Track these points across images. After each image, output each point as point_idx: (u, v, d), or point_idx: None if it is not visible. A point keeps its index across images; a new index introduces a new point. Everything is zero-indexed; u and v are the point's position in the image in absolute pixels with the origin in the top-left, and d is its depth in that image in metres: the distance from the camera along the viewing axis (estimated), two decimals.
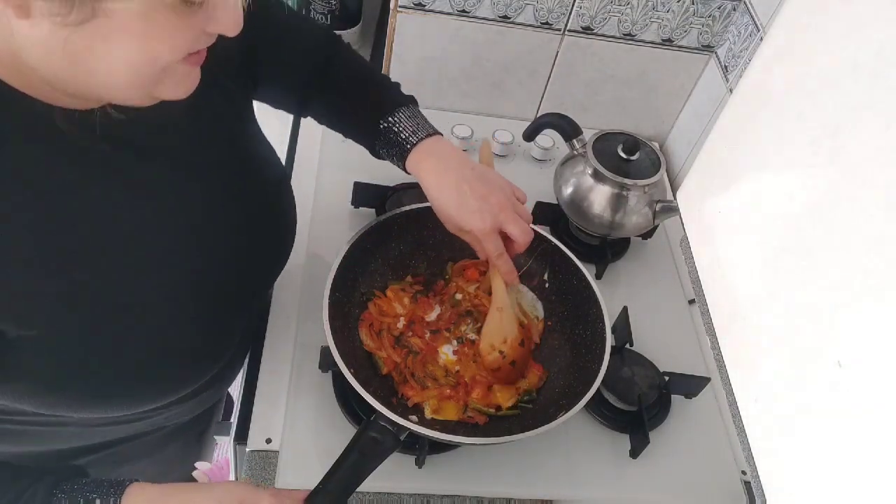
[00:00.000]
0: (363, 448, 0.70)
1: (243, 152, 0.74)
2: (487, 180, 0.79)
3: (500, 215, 0.77)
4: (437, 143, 0.80)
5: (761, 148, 0.72)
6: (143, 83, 0.51)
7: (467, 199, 0.76)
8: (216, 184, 0.69)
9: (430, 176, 0.78)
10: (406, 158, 0.79)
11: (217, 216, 0.69)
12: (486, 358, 0.84)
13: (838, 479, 0.53)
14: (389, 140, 0.80)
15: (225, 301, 0.71)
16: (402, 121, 0.80)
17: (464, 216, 0.76)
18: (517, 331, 0.85)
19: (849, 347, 0.54)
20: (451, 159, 0.79)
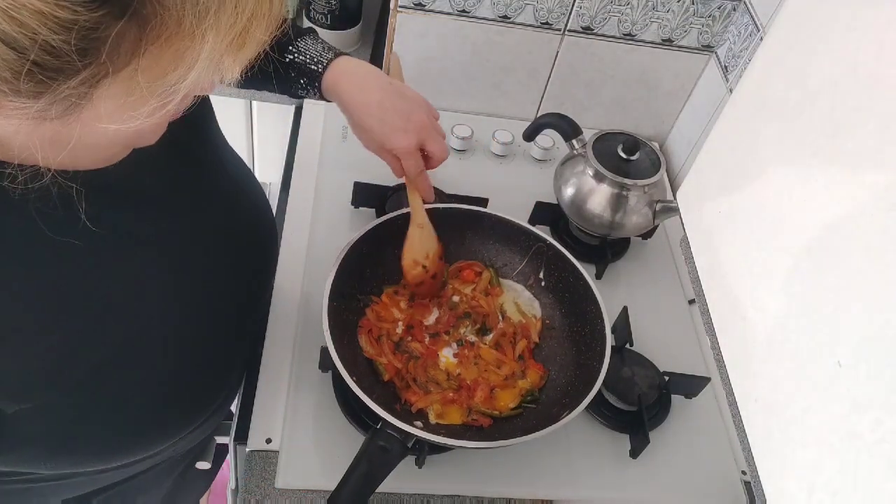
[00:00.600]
0: (371, 457, 0.70)
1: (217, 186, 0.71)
2: (407, 97, 0.78)
3: (422, 133, 0.77)
4: (348, 61, 0.79)
5: (761, 148, 0.72)
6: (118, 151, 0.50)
7: (390, 117, 0.76)
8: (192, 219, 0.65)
9: (349, 95, 0.77)
10: (320, 82, 0.78)
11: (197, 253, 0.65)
12: (410, 272, 0.86)
13: (838, 479, 0.53)
14: (299, 71, 0.79)
15: (218, 333, 0.69)
16: (309, 49, 0.79)
17: (387, 134, 0.76)
18: (437, 245, 0.87)
19: (849, 347, 0.54)
20: (366, 77, 0.78)
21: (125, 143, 0.50)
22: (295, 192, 1.07)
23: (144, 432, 0.65)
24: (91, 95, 0.39)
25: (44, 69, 0.35)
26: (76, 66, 0.36)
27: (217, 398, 0.72)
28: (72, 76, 0.36)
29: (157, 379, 0.62)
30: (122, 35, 0.36)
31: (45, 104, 0.37)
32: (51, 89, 0.36)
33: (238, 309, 0.74)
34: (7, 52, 0.34)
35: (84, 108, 0.40)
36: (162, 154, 0.58)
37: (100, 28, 0.35)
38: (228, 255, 0.70)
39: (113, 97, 0.40)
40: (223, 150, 0.74)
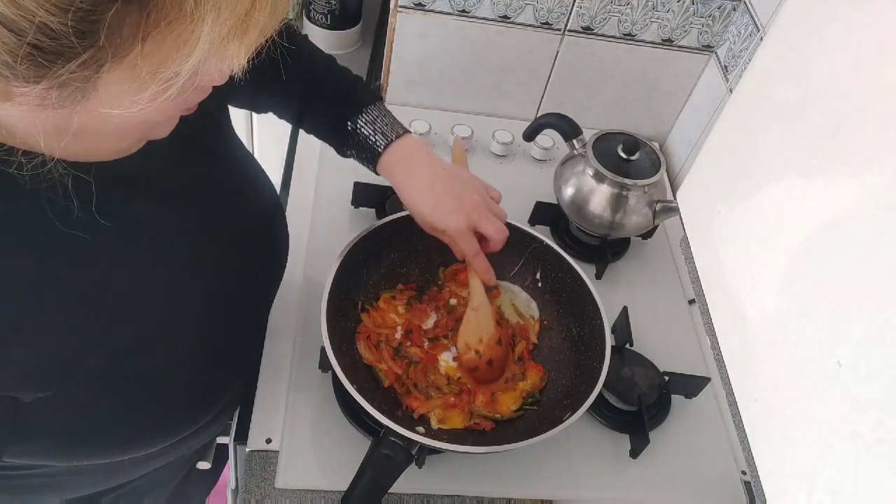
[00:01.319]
0: (376, 466, 0.70)
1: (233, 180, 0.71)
2: (460, 179, 0.78)
3: (473, 214, 0.77)
4: (408, 143, 0.79)
5: (761, 148, 0.72)
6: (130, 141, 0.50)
7: (441, 200, 0.76)
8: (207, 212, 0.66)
9: (403, 179, 0.78)
10: (377, 162, 0.79)
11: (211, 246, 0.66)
12: (462, 357, 0.83)
13: (839, 479, 0.53)
14: (358, 143, 0.79)
15: (228, 330, 0.70)
16: (370, 122, 0.79)
17: (438, 217, 0.76)
18: (494, 329, 0.84)
19: (849, 347, 0.54)
20: (422, 159, 0.78)
21: (137, 135, 0.50)
22: (295, 192, 1.06)
23: (158, 423, 0.65)
24: (94, 81, 0.39)
25: (43, 52, 0.35)
26: (75, 49, 0.36)
27: (229, 391, 0.73)
28: (71, 59, 0.36)
29: (170, 369, 0.62)
30: (121, 18, 0.36)
31: (45, 88, 0.38)
32: (50, 73, 0.36)
33: (250, 300, 0.74)
34: (5, 35, 0.34)
35: (88, 95, 0.40)
36: (176, 145, 0.59)
37: (97, 10, 0.35)
38: (240, 248, 0.70)
39: (116, 83, 0.40)
40: (236, 145, 0.74)
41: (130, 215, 0.57)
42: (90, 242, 0.53)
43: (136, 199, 0.57)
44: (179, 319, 0.62)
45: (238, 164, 0.73)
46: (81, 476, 0.72)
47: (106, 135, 0.47)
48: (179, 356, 0.63)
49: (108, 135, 0.47)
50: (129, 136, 0.49)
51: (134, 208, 0.57)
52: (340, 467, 0.77)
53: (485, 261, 0.81)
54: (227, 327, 0.69)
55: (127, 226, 0.56)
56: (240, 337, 0.73)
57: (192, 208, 0.64)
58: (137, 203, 0.58)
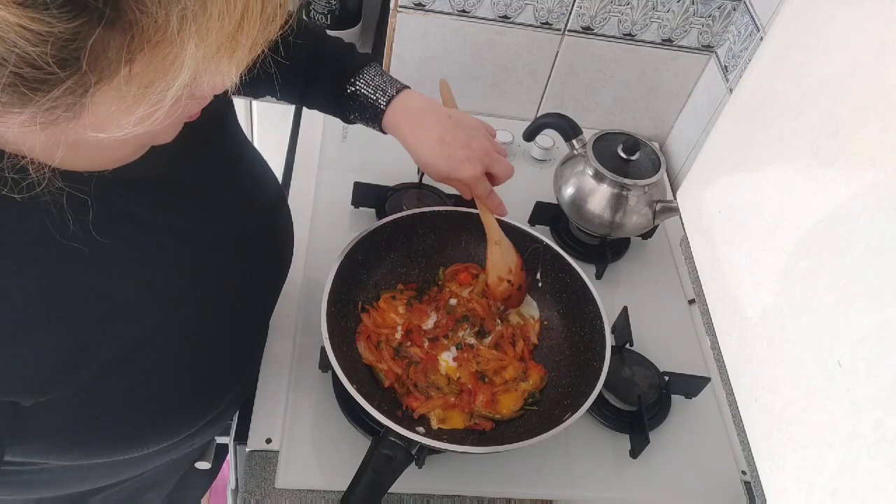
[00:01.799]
0: (376, 466, 0.70)
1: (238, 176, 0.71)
2: (465, 125, 0.81)
3: (486, 159, 0.80)
4: (408, 98, 0.81)
5: (761, 148, 0.72)
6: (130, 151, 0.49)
7: (453, 150, 0.78)
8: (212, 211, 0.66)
9: (411, 134, 0.79)
10: (381, 121, 0.80)
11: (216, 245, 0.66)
12: (497, 290, 0.89)
13: (839, 479, 0.53)
14: (360, 105, 0.81)
15: (232, 329, 0.69)
16: (368, 83, 0.81)
17: (453, 167, 0.78)
18: (516, 257, 0.89)
19: (849, 347, 0.54)
20: (426, 112, 0.80)
21: (138, 144, 0.50)
22: (295, 192, 1.07)
23: (159, 425, 0.65)
24: (82, 104, 0.38)
25: (26, 80, 0.35)
26: (58, 77, 0.35)
27: (231, 392, 0.72)
28: (55, 86, 0.36)
29: (171, 374, 0.62)
30: (104, 43, 0.36)
31: (31, 115, 0.37)
32: (34, 101, 0.36)
33: (253, 302, 0.74)
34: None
35: (78, 116, 0.39)
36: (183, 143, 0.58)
37: (77, 38, 0.34)
38: (244, 250, 0.70)
39: (104, 105, 0.39)
40: (241, 141, 0.74)
41: (129, 215, 0.57)
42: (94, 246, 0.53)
43: (137, 197, 0.57)
44: (183, 322, 0.62)
45: (244, 161, 0.73)
46: (80, 473, 0.72)
47: (103, 147, 0.46)
48: (182, 358, 0.63)
49: (105, 147, 0.47)
50: (128, 146, 0.49)
51: (138, 210, 0.57)
52: (340, 467, 0.77)
53: (497, 196, 0.85)
54: (230, 329, 0.69)
55: (131, 229, 0.56)
56: (243, 339, 0.73)
57: (198, 207, 0.64)
58: (138, 202, 0.57)
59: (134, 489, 0.83)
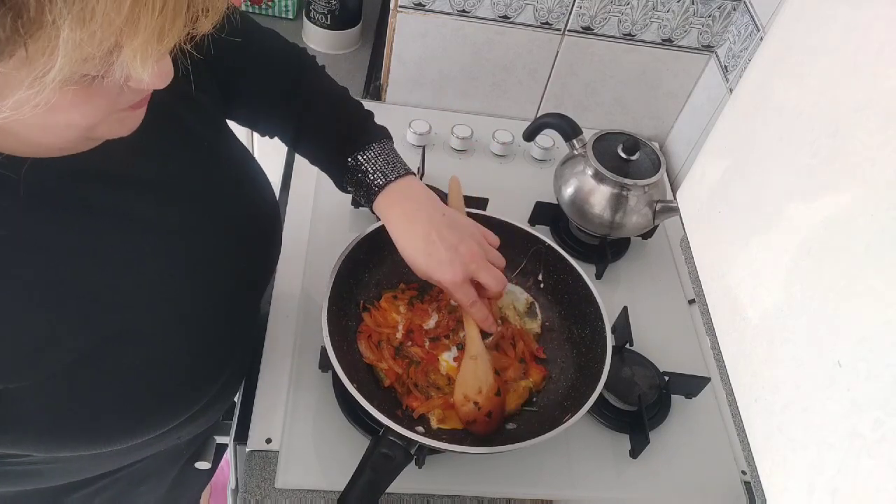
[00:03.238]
0: (375, 465, 0.70)
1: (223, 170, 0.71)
2: (457, 227, 0.76)
3: (470, 265, 0.74)
4: (407, 186, 0.77)
5: (761, 148, 0.72)
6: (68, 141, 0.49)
7: (436, 250, 0.74)
8: (199, 206, 0.65)
9: (398, 224, 0.76)
10: (373, 201, 0.77)
11: (201, 238, 0.66)
12: (460, 409, 0.79)
13: (839, 479, 0.53)
14: (357, 179, 0.78)
15: (215, 323, 0.69)
16: (371, 160, 0.77)
17: (433, 267, 0.74)
18: (493, 380, 0.80)
19: (849, 347, 0.54)
20: (419, 204, 0.76)
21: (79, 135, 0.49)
22: (295, 192, 1.07)
23: (138, 418, 0.65)
24: None
25: None
26: None
27: (215, 385, 0.72)
28: None
29: (152, 363, 0.62)
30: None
31: None
32: None
33: (239, 294, 0.74)
34: None
35: None
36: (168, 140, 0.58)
37: None
38: (229, 238, 0.69)
39: None
40: (234, 144, 0.74)
41: (106, 206, 0.57)
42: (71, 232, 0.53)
43: (111, 191, 0.57)
44: (165, 313, 0.62)
45: (235, 162, 0.73)
46: (64, 463, 0.72)
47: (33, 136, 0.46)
48: (165, 350, 0.63)
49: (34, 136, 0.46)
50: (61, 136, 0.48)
51: (118, 200, 0.57)
52: (340, 467, 0.77)
53: (483, 309, 0.78)
54: (211, 321, 0.68)
55: (110, 217, 0.57)
56: (227, 330, 0.72)
57: (179, 200, 0.63)
58: (122, 195, 0.57)
59: (125, 483, 0.83)
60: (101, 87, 0.44)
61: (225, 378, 0.74)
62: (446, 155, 1.18)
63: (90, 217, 0.56)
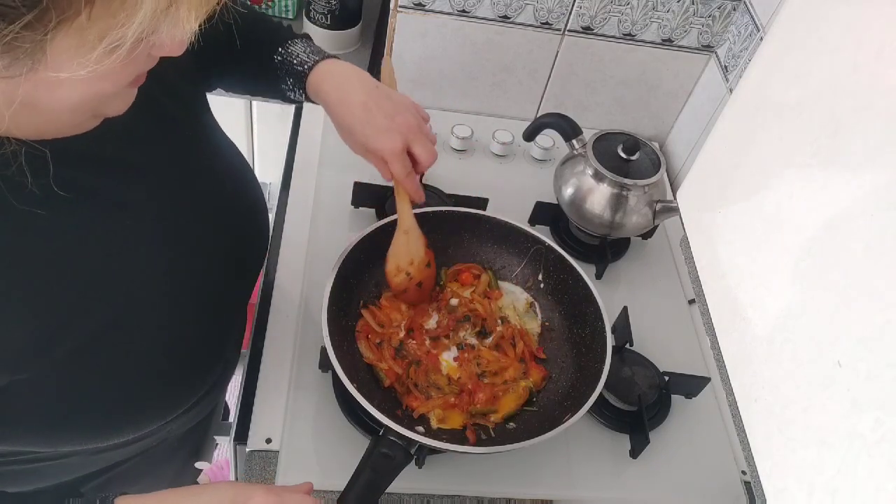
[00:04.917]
0: (375, 465, 0.70)
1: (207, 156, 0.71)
2: (393, 99, 0.77)
3: (408, 135, 0.76)
4: (334, 64, 0.78)
5: (761, 148, 0.72)
6: (83, 116, 0.50)
7: (375, 118, 0.74)
8: (183, 192, 0.65)
9: (332, 95, 0.76)
10: (305, 83, 0.78)
11: (188, 226, 0.66)
12: (393, 280, 0.84)
13: (839, 479, 0.53)
14: (287, 71, 0.78)
15: (208, 311, 0.69)
16: (296, 50, 0.79)
17: (371, 136, 0.74)
18: (423, 252, 0.85)
19: (849, 347, 0.54)
20: (351, 78, 0.77)
21: (90, 109, 0.50)
22: (295, 192, 1.07)
23: (137, 407, 0.65)
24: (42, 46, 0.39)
25: None
26: (19, 11, 0.37)
27: (211, 375, 0.72)
28: (14, 21, 0.37)
29: (149, 352, 0.62)
30: None
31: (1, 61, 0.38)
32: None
33: (230, 282, 0.74)
34: None
35: (38, 63, 0.40)
36: (153, 127, 0.59)
37: None
38: (216, 227, 0.69)
39: (64, 47, 0.40)
40: (216, 133, 0.74)
41: (95, 192, 0.57)
42: (52, 219, 0.53)
43: (102, 175, 0.57)
44: (156, 301, 0.62)
45: (218, 151, 0.73)
46: (60, 460, 0.72)
47: (57, 109, 0.47)
48: (156, 340, 0.63)
49: (58, 109, 0.47)
50: (80, 110, 0.49)
51: (99, 184, 0.57)
52: (340, 467, 0.77)
53: (416, 180, 0.80)
54: (205, 311, 0.69)
55: (92, 202, 0.56)
56: (219, 321, 0.72)
57: (166, 188, 0.63)
58: (103, 179, 0.57)
59: (120, 483, 0.83)
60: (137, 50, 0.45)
61: (221, 368, 0.74)
62: (446, 155, 1.18)
63: (82, 202, 0.56)
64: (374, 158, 0.78)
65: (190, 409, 0.77)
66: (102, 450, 0.73)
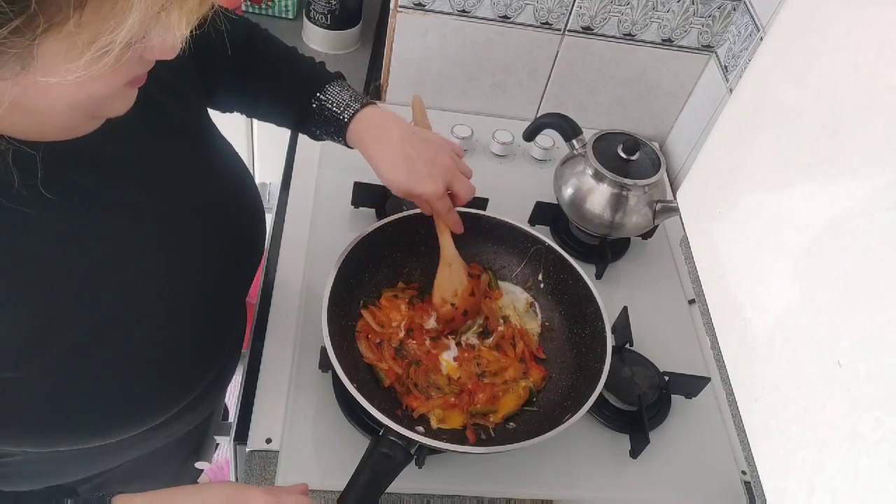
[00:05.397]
0: (375, 465, 0.70)
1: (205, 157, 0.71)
2: (430, 142, 0.81)
3: (448, 175, 0.80)
4: (373, 113, 0.81)
5: (761, 148, 0.72)
6: (81, 118, 0.49)
7: (416, 166, 0.78)
8: (180, 193, 0.65)
9: (374, 147, 0.79)
10: (345, 133, 0.81)
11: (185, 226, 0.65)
12: (440, 310, 0.88)
13: (839, 479, 0.53)
14: (324, 118, 0.81)
15: (205, 311, 0.69)
16: (333, 96, 0.81)
17: (415, 182, 0.78)
18: (466, 282, 0.88)
19: (849, 347, 0.54)
20: (390, 126, 0.80)
21: (87, 113, 0.49)
22: (295, 192, 1.07)
23: (131, 407, 0.65)
24: (32, 50, 0.39)
25: None
26: (6, 15, 0.36)
27: (208, 375, 0.72)
28: (2, 25, 0.37)
29: (144, 352, 0.62)
30: None
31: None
32: None
33: (227, 282, 0.74)
34: None
35: (28, 66, 0.40)
36: (151, 127, 0.59)
37: None
38: (214, 228, 0.70)
39: (54, 51, 0.40)
40: (215, 135, 0.75)
41: (90, 191, 0.56)
42: (59, 220, 0.53)
43: (99, 174, 0.57)
44: (153, 302, 0.62)
45: (216, 152, 0.73)
46: (57, 463, 0.71)
47: (50, 111, 0.47)
48: (153, 341, 0.63)
49: (52, 111, 0.47)
50: (75, 112, 0.49)
51: (96, 184, 0.57)
52: (340, 467, 0.77)
53: (456, 215, 0.85)
54: (202, 312, 0.68)
55: (88, 202, 0.56)
56: (216, 322, 0.72)
57: (163, 188, 0.63)
58: (100, 179, 0.57)
59: (117, 483, 0.83)
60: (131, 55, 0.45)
61: (214, 372, 0.74)
62: None
63: (80, 202, 0.56)
64: (418, 200, 0.82)
65: (188, 411, 0.76)
66: (99, 451, 0.72)
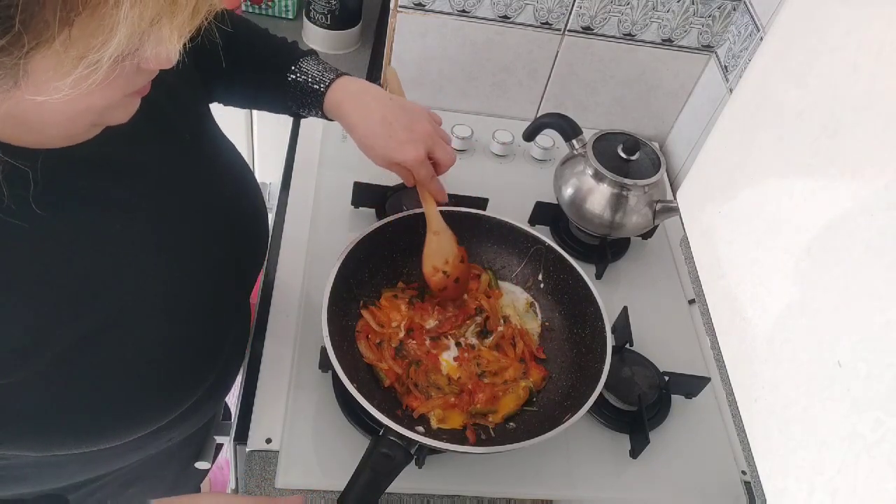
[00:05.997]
0: (375, 465, 0.70)
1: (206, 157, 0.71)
2: (408, 109, 0.81)
3: (427, 142, 0.80)
4: (350, 81, 0.81)
5: (761, 148, 0.72)
6: (81, 128, 0.49)
7: (395, 132, 0.78)
8: (181, 194, 0.65)
9: (353, 115, 0.79)
10: (322, 104, 0.80)
11: (186, 227, 0.65)
12: (432, 280, 0.88)
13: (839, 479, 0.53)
14: (302, 91, 0.81)
15: (205, 311, 0.69)
16: (309, 69, 0.81)
17: (395, 149, 0.78)
18: (456, 249, 0.89)
19: (849, 347, 0.54)
20: (367, 95, 0.80)
21: (87, 122, 0.49)
22: (295, 192, 1.07)
23: (130, 411, 0.64)
24: (22, 67, 0.39)
25: None
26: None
27: (206, 380, 0.72)
28: None
29: (144, 354, 0.61)
30: (39, 4, 0.36)
31: None
32: None
33: (226, 286, 0.73)
34: None
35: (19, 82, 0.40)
36: (151, 128, 0.59)
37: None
38: (215, 229, 0.69)
39: (42, 70, 0.40)
40: (217, 136, 0.75)
41: (90, 192, 0.56)
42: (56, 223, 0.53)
43: (99, 176, 0.57)
44: (152, 303, 0.62)
45: (218, 155, 0.73)
46: (56, 468, 0.71)
47: (47, 124, 0.46)
48: (152, 342, 0.62)
49: (48, 124, 0.47)
50: (76, 123, 0.48)
51: (95, 185, 0.57)
52: (340, 467, 0.77)
53: (438, 181, 0.85)
54: (202, 312, 0.68)
55: (88, 203, 0.56)
56: (217, 323, 0.72)
57: (164, 189, 0.63)
58: (100, 180, 0.57)
59: (115, 486, 0.82)
60: (122, 68, 0.44)
61: (215, 374, 0.74)
62: None
63: (78, 204, 0.56)
64: (397, 168, 0.81)
65: (191, 413, 0.76)
66: (98, 455, 0.72)
